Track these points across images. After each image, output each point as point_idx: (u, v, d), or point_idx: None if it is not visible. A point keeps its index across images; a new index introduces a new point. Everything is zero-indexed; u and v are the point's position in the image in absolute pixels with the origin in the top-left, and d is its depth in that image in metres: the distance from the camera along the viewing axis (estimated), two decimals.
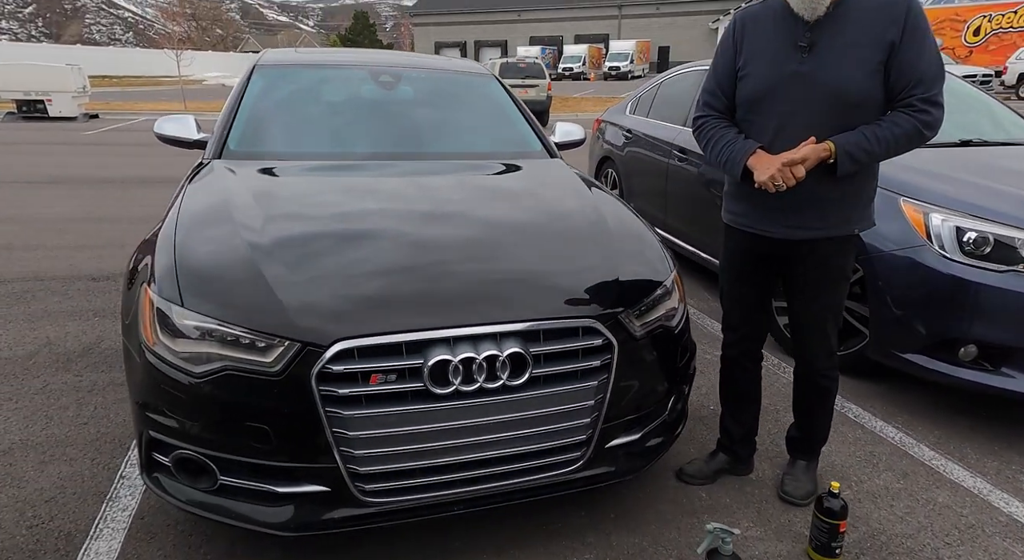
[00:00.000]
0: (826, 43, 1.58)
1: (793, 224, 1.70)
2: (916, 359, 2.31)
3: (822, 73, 1.58)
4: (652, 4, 47.04)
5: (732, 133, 1.75)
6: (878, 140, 1.54)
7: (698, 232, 3.86)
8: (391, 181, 2.26)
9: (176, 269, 1.63)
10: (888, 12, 1.53)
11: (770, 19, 1.69)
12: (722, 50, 1.79)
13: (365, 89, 2.93)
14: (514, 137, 2.89)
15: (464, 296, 1.61)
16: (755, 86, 1.68)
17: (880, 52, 1.53)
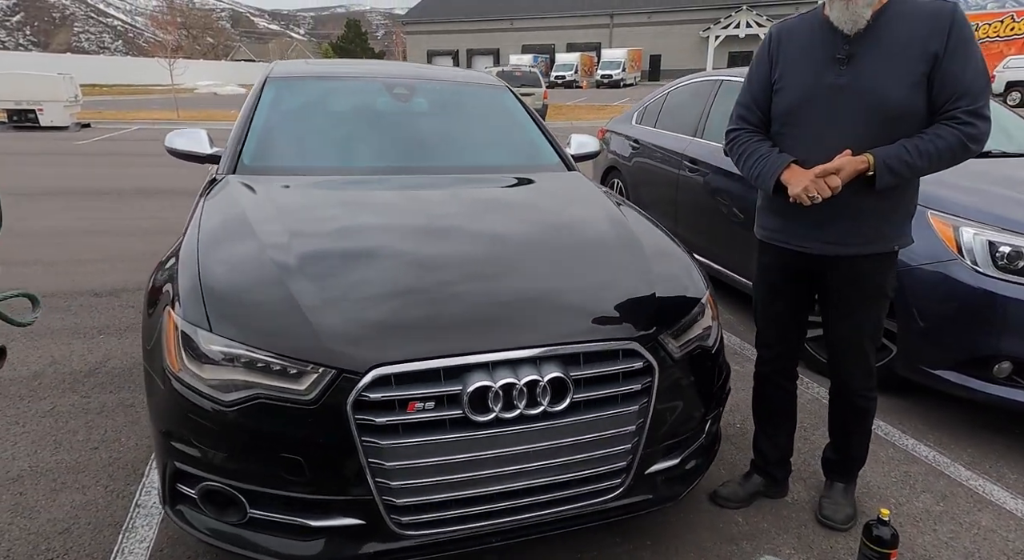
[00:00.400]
0: (865, 55, 1.55)
1: (830, 240, 1.66)
2: (947, 375, 2.28)
3: (861, 85, 1.55)
4: (643, 13, 47.43)
5: (765, 147, 1.71)
6: (920, 153, 1.51)
7: (710, 243, 3.83)
8: (413, 196, 2.21)
9: (201, 291, 1.56)
10: (931, 23, 1.50)
11: (807, 32, 1.66)
12: (757, 63, 1.77)
13: (380, 101, 2.88)
14: (532, 150, 2.85)
15: (502, 318, 1.56)
16: (791, 99, 1.65)
17: (923, 63, 1.50)
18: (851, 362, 1.76)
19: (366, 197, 2.19)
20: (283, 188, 2.19)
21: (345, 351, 1.42)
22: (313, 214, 1.99)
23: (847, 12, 1.53)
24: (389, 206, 2.11)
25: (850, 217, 1.62)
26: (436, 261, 1.74)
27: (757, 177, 1.70)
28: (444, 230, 1.94)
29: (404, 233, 1.89)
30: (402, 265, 1.71)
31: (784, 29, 1.72)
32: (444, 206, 2.14)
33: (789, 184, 1.60)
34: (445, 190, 2.28)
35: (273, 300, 1.53)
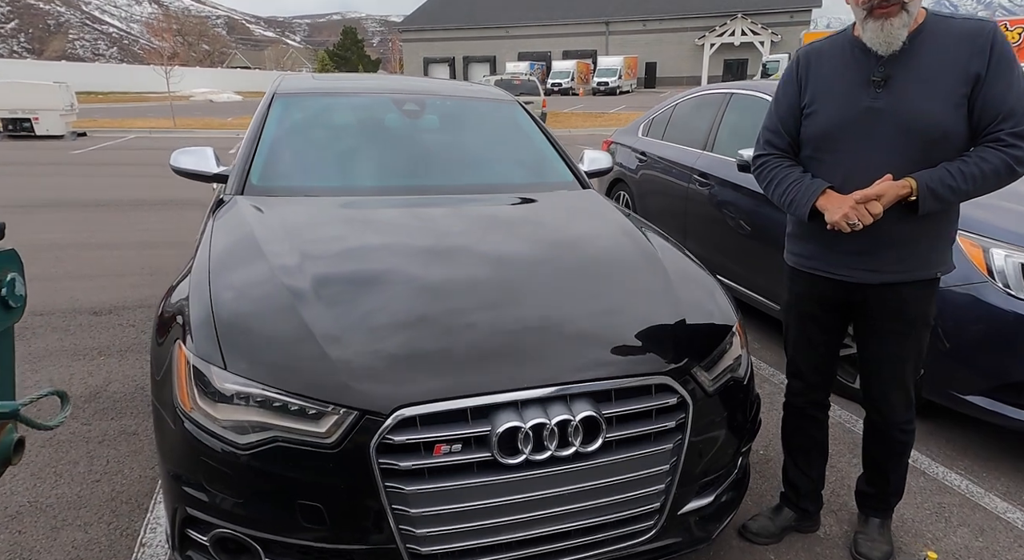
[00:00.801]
0: (903, 77, 1.49)
1: (869, 267, 1.59)
2: (978, 401, 2.21)
3: (899, 108, 1.49)
4: (639, 21, 47.66)
5: (797, 172, 1.65)
6: (963, 176, 1.45)
7: (721, 258, 3.77)
8: (427, 217, 2.14)
9: (215, 324, 1.49)
10: (971, 42, 1.45)
11: (838, 54, 1.60)
12: (784, 87, 1.71)
13: (390, 118, 2.82)
14: (545, 167, 2.79)
15: (529, 350, 1.49)
16: (824, 123, 1.59)
17: (963, 85, 1.44)
18: (892, 395, 1.69)
19: (380, 220, 2.12)
20: (293, 210, 2.12)
21: (368, 391, 1.34)
22: (326, 239, 1.92)
23: (881, 34, 1.47)
24: (403, 229, 2.04)
25: (891, 244, 1.56)
26: (455, 286, 1.67)
27: (790, 204, 1.64)
28: (461, 253, 1.88)
29: (420, 257, 1.83)
30: (421, 292, 1.64)
31: (813, 51, 1.67)
32: (459, 228, 2.07)
33: (827, 211, 1.54)
34: (459, 211, 2.22)
35: (290, 334, 1.46)
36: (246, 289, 1.63)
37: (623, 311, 1.67)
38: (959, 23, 1.48)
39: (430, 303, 1.60)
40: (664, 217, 4.42)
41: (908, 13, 1.44)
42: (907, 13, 1.44)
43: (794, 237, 1.76)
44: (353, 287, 1.64)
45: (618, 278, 1.83)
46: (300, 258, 1.74)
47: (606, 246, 2.04)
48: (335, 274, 1.69)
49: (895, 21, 1.44)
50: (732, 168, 3.58)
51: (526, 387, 1.40)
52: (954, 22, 1.48)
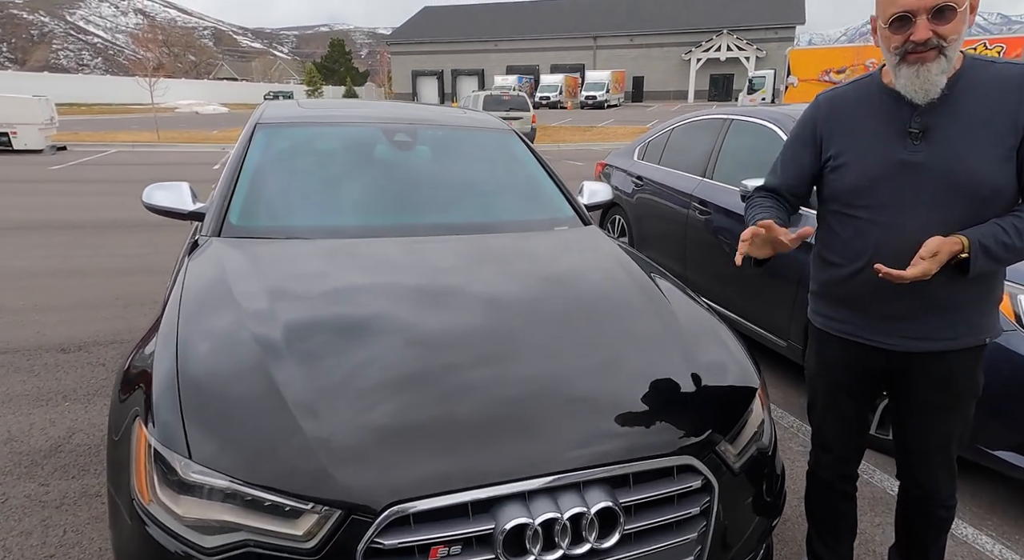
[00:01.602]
0: (943, 127, 1.35)
1: (915, 334, 1.44)
2: (1007, 457, 2.08)
3: (941, 162, 1.34)
4: (626, 36, 48.17)
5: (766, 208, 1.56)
6: (1019, 233, 1.30)
7: (723, 289, 3.64)
8: (419, 261, 1.98)
9: (179, 400, 1.31)
10: (1018, 88, 1.30)
11: (865, 102, 1.46)
12: (798, 133, 1.57)
13: (380, 150, 2.66)
14: (544, 202, 2.64)
15: (537, 425, 1.32)
16: (855, 178, 1.44)
17: (1013, 135, 1.30)
18: (936, 471, 1.54)
19: (367, 263, 1.95)
20: (275, 255, 1.95)
21: (353, 482, 1.17)
22: (308, 291, 1.75)
23: (917, 81, 1.31)
24: (393, 272, 1.89)
25: (938, 308, 1.41)
26: (449, 337, 1.53)
27: None
28: (455, 299, 1.74)
29: (411, 304, 1.68)
30: (413, 345, 1.49)
31: (836, 98, 1.52)
32: (454, 271, 1.92)
33: None
34: (454, 252, 2.06)
35: (267, 413, 1.28)
36: (217, 354, 1.46)
37: (636, 372, 1.52)
38: (1002, 68, 1.34)
39: (422, 359, 1.45)
40: (662, 242, 4.29)
41: (946, 58, 1.29)
42: (945, 58, 1.29)
43: (822, 297, 1.61)
44: (336, 344, 1.49)
45: (628, 328, 1.69)
46: (280, 315, 1.57)
47: (613, 292, 1.89)
48: (323, 341, 1.52)
49: (932, 67, 1.30)
50: (734, 196, 3.46)
51: (536, 475, 1.23)
52: (996, 67, 1.35)
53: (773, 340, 3.22)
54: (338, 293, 1.75)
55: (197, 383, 1.35)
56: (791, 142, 1.58)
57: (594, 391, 1.44)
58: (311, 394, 1.32)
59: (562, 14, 53.53)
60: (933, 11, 1.26)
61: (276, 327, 1.51)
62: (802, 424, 2.82)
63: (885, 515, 2.21)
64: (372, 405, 1.32)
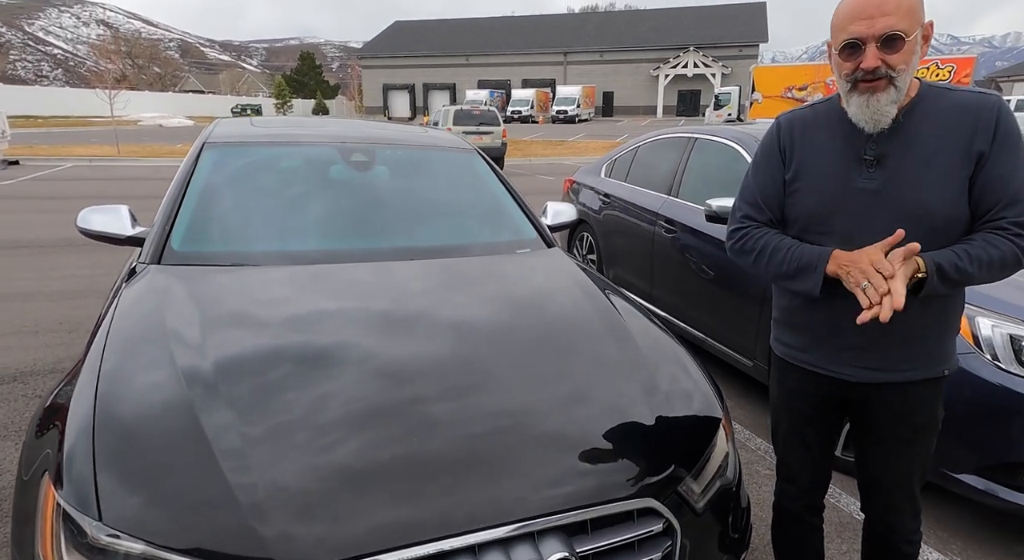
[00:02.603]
0: (898, 156, 1.32)
1: (874, 365, 1.41)
2: (970, 480, 2.07)
3: (895, 191, 1.31)
4: (596, 51, 48.98)
5: (790, 240, 1.45)
6: (970, 258, 1.26)
7: (690, 308, 3.63)
8: (376, 288, 1.89)
9: (94, 454, 1.19)
10: (973, 117, 1.28)
11: (823, 125, 1.43)
12: (765, 157, 1.51)
13: (335, 171, 2.56)
14: (507, 224, 2.57)
15: (486, 474, 1.24)
16: (813, 203, 1.40)
17: (967, 165, 1.28)
18: (899, 507, 1.50)
19: (318, 296, 1.85)
20: (219, 284, 1.83)
21: (287, 546, 1.07)
22: (254, 324, 1.64)
23: (867, 110, 1.29)
24: (344, 306, 1.79)
25: (896, 338, 1.37)
26: (409, 375, 1.46)
27: (795, 272, 1.39)
28: (413, 334, 1.65)
29: (367, 342, 1.59)
30: (360, 399, 1.39)
31: (796, 120, 1.48)
32: (411, 302, 1.83)
33: (841, 275, 1.30)
34: (411, 280, 1.98)
35: (193, 465, 1.18)
36: (141, 397, 1.34)
37: (597, 401, 1.47)
38: (959, 96, 1.32)
39: (378, 396, 1.37)
40: (630, 259, 4.28)
41: (896, 89, 1.27)
42: (895, 88, 1.26)
43: (783, 324, 1.56)
44: (279, 383, 1.39)
45: (591, 356, 1.64)
46: (216, 351, 1.47)
47: (576, 319, 1.83)
48: (256, 371, 1.43)
49: (882, 97, 1.27)
50: (699, 216, 3.45)
51: (486, 526, 1.15)
52: (953, 94, 1.33)
53: (739, 360, 3.20)
54: (284, 324, 1.65)
55: (115, 430, 1.24)
56: (762, 167, 1.52)
57: (558, 428, 1.38)
58: (245, 441, 1.22)
59: (533, 30, 54.21)
60: (882, 39, 1.24)
61: (210, 364, 1.41)
62: (768, 446, 2.79)
63: (852, 541, 2.18)
64: (318, 451, 1.22)
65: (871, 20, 1.23)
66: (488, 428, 1.34)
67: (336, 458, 1.21)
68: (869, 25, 1.24)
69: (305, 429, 1.27)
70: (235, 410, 1.29)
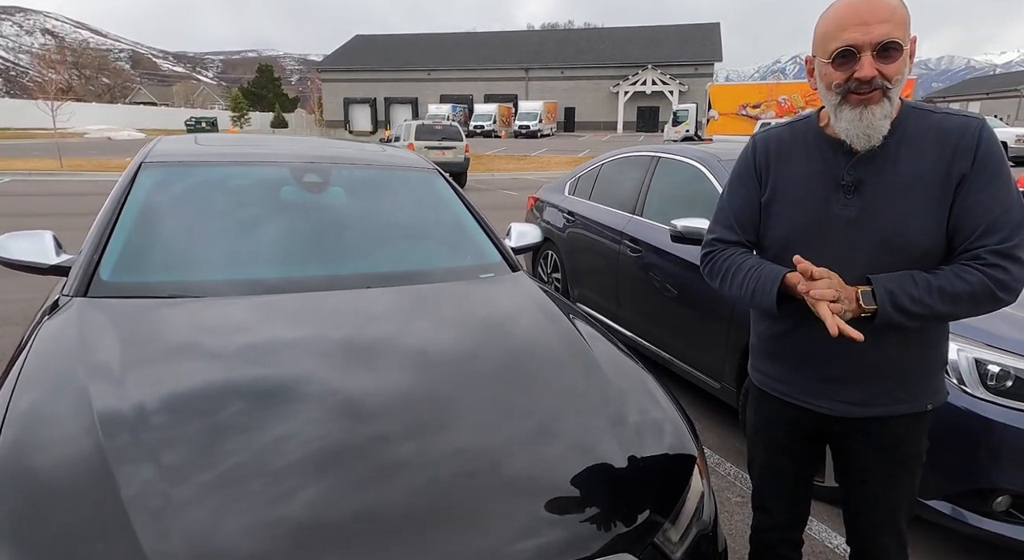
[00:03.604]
0: (877, 181, 1.26)
1: (852, 399, 1.35)
2: (939, 506, 2.05)
3: (872, 219, 1.26)
4: (557, 68, 49.73)
5: (755, 259, 1.40)
6: (929, 287, 1.20)
7: (657, 329, 3.59)
8: (328, 322, 1.76)
9: None
10: (954, 142, 1.22)
11: (800, 146, 1.37)
12: (740, 177, 1.46)
13: (286, 193, 2.41)
14: (469, 248, 2.47)
15: (452, 526, 1.14)
16: (787, 229, 1.36)
17: (946, 192, 1.23)
18: (884, 541, 1.45)
19: (262, 331, 1.70)
20: (151, 320, 1.67)
21: None
22: (188, 366, 1.49)
23: (860, 124, 1.21)
24: (296, 338, 1.66)
25: (876, 371, 1.32)
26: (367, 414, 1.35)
27: (752, 293, 1.35)
28: (371, 369, 1.53)
29: (317, 382, 1.46)
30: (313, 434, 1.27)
31: (772, 139, 1.43)
32: (367, 334, 1.72)
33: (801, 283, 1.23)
34: (367, 310, 1.86)
35: (103, 534, 1.03)
36: (50, 455, 1.18)
37: (566, 439, 1.39)
38: (941, 119, 1.27)
39: (335, 438, 1.26)
40: (595, 279, 4.23)
41: (890, 101, 1.20)
42: (888, 101, 1.20)
43: (760, 352, 1.50)
44: (210, 431, 1.26)
45: (558, 388, 1.56)
46: (139, 396, 1.32)
47: (543, 349, 1.75)
48: (185, 419, 1.29)
49: (876, 110, 1.20)
50: (665, 235, 3.42)
51: None
52: (935, 117, 1.27)
53: (707, 381, 3.16)
54: (222, 362, 1.51)
55: (17, 491, 1.08)
56: (737, 188, 1.45)
57: (526, 470, 1.29)
58: (169, 501, 1.07)
59: (494, 46, 54.72)
60: (879, 48, 1.17)
61: (132, 410, 1.27)
62: (740, 471, 2.74)
63: None
64: (260, 507, 1.09)
65: (867, 27, 1.16)
66: (454, 471, 1.24)
67: (282, 514, 1.09)
68: (865, 32, 1.17)
69: (245, 480, 1.13)
70: (161, 463, 1.15)
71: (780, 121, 1.50)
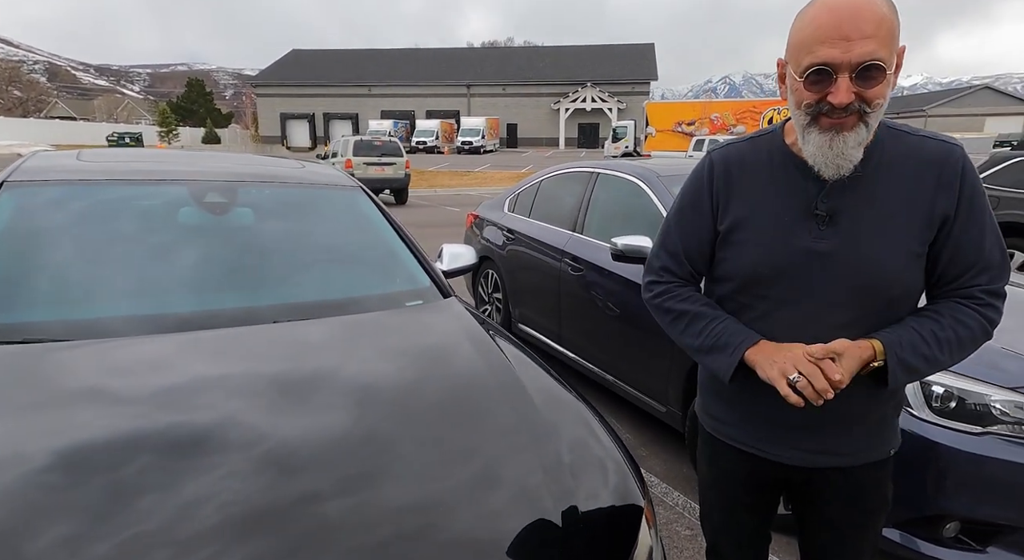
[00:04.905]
0: (854, 212, 1.11)
1: (812, 447, 1.22)
2: (889, 534, 1.98)
3: (850, 255, 1.12)
4: (498, 85, 50.18)
5: (712, 308, 1.25)
6: (938, 342, 1.09)
7: (600, 351, 3.46)
8: (228, 365, 1.54)
9: None
10: (935, 174, 1.10)
11: (766, 166, 1.19)
12: (692, 204, 1.28)
13: (184, 216, 2.14)
14: (396, 272, 2.26)
15: None
16: (752, 264, 1.18)
17: (928, 228, 1.10)
18: None
19: (158, 376, 1.44)
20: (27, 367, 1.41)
21: None
22: (57, 425, 1.23)
23: (829, 152, 1.06)
24: (200, 384, 1.44)
25: (837, 418, 1.19)
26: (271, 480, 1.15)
27: (709, 350, 1.20)
28: (287, 412, 1.34)
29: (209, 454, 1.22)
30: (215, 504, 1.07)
31: (732, 158, 1.23)
32: (275, 378, 1.50)
33: (762, 366, 1.12)
34: (279, 349, 1.64)
35: None
36: None
37: (504, 482, 1.28)
38: (919, 142, 1.13)
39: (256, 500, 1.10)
40: (537, 298, 4.09)
41: (866, 127, 1.05)
42: (865, 127, 1.05)
43: (710, 392, 1.35)
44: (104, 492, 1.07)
45: (490, 424, 1.44)
46: (26, 462, 1.12)
47: (473, 382, 1.61)
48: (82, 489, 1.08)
49: (849, 137, 1.05)
50: (605, 253, 3.32)
51: None
52: (913, 140, 1.13)
53: (652, 405, 3.05)
54: (124, 412, 1.29)
55: None
56: (688, 213, 1.29)
57: (468, 528, 1.17)
58: None
59: (435, 62, 54.75)
60: (858, 69, 1.00)
61: (10, 473, 1.08)
62: (688, 501, 2.62)
63: None
64: None
65: (848, 43, 0.99)
66: (392, 532, 1.10)
67: None
68: (845, 49, 0.99)
69: (148, 553, 0.96)
70: (46, 536, 0.96)
71: (730, 138, 1.37)
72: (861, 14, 0.99)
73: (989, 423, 1.88)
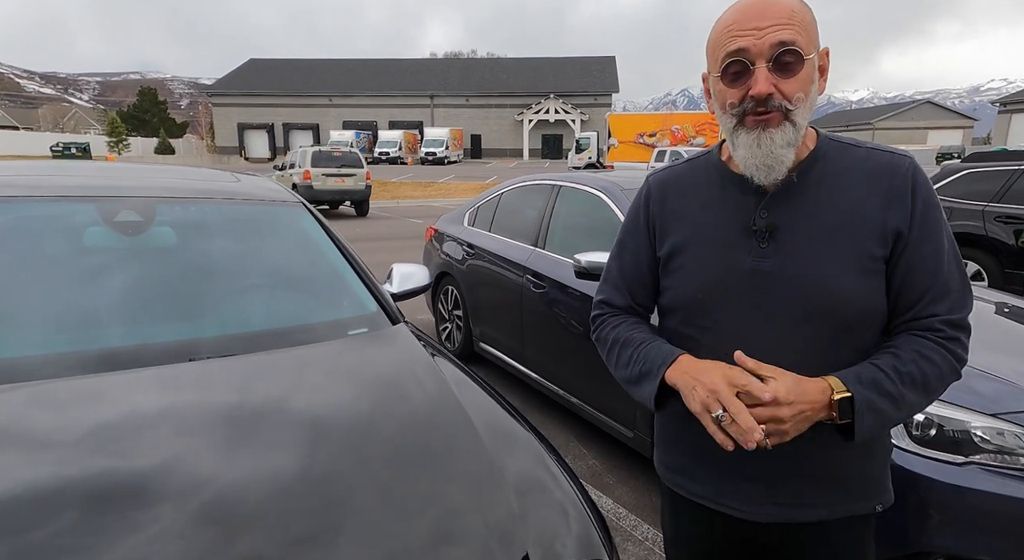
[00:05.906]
0: (795, 227, 1.03)
1: (781, 500, 1.08)
2: None
3: (794, 273, 1.02)
4: (462, 96, 50.15)
5: (643, 333, 1.14)
6: (900, 377, 0.97)
7: (563, 371, 3.31)
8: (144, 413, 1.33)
9: None
10: (884, 185, 1.02)
11: (702, 185, 1.13)
12: (630, 232, 1.21)
13: (92, 236, 1.89)
14: (339, 297, 2.06)
15: None
16: (691, 289, 1.09)
17: (881, 244, 1.01)
18: None
19: (51, 430, 1.22)
20: None
21: None
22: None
23: (758, 151, 1.00)
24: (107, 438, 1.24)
25: (810, 468, 1.06)
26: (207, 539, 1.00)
27: (637, 379, 1.10)
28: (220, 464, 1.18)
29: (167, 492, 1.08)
30: None
31: (669, 182, 1.17)
32: (198, 418, 1.31)
33: (684, 395, 1.00)
34: (203, 391, 1.43)
35: None
36: None
37: (463, 536, 1.16)
38: (866, 154, 1.06)
39: None
40: (498, 315, 3.92)
41: (793, 125, 0.99)
42: (791, 125, 0.99)
43: (665, 443, 1.21)
44: None
45: (445, 466, 1.31)
46: None
47: (425, 420, 1.46)
48: None
49: (776, 135, 0.99)
50: (568, 270, 3.18)
51: None
52: (859, 152, 1.06)
53: (618, 429, 2.90)
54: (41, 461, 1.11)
55: None
56: (627, 243, 1.21)
57: None
58: None
59: (398, 73, 54.38)
60: (774, 57, 0.96)
61: None
62: (659, 534, 2.47)
63: None
64: None
65: (759, 31, 0.96)
66: None
67: None
68: (757, 37, 0.96)
69: None
70: None
71: (677, 161, 1.25)
72: (771, 8, 0.98)
73: (970, 451, 1.78)
